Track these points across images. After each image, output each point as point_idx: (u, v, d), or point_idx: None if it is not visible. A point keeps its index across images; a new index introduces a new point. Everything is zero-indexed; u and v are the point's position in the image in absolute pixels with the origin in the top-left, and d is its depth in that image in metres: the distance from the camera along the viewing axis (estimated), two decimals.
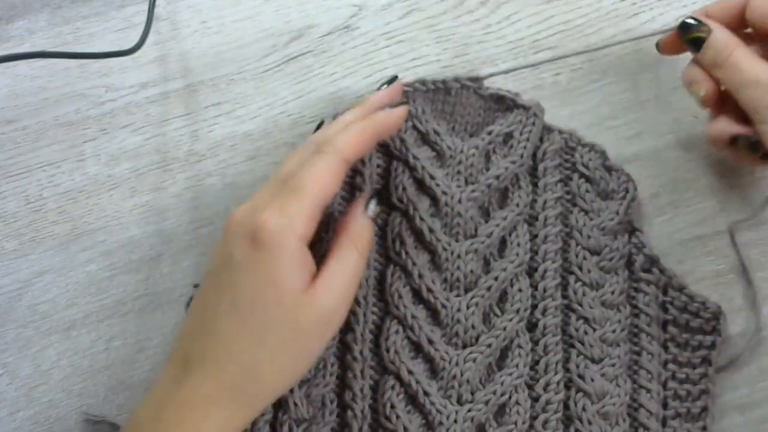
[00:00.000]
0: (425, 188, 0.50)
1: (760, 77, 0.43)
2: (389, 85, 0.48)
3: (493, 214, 0.49)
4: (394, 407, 0.46)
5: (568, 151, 0.50)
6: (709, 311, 0.47)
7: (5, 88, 0.55)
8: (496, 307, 0.48)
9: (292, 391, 0.45)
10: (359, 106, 0.46)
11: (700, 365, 0.46)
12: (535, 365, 0.47)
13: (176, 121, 0.54)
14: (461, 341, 0.47)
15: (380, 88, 0.47)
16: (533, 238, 0.49)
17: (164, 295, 0.50)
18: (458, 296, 0.47)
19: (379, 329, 0.47)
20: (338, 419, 0.47)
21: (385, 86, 0.48)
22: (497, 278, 0.48)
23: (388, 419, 0.46)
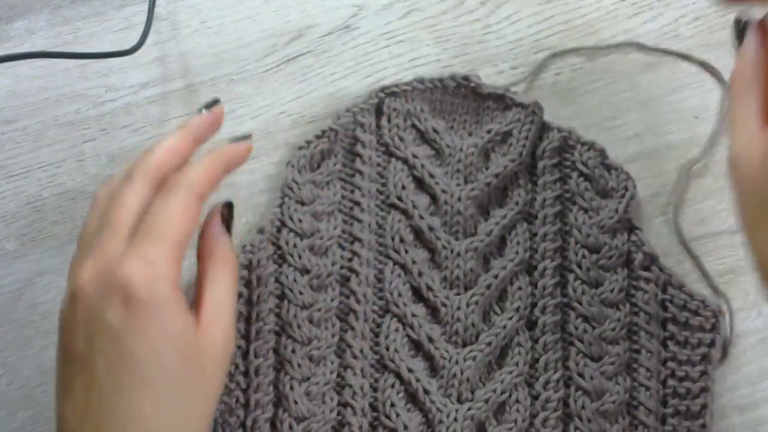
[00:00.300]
0: (425, 187, 0.50)
1: None
2: (209, 108, 0.43)
3: (492, 212, 0.49)
4: (394, 405, 0.46)
5: (567, 149, 0.50)
6: (708, 309, 0.47)
7: (5, 88, 0.55)
8: (495, 305, 0.48)
9: (292, 388, 0.46)
10: (181, 129, 0.42)
11: (699, 363, 0.46)
12: (534, 363, 0.47)
13: (176, 121, 0.54)
14: (461, 339, 0.47)
15: (200, 110, 0.43)
16: (532, 236, 0.49)
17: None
18: (458, 294, 0.48)
19: (378, 327, 0.48)
20: (338, 417, 0.47)
21: (205, 110, 0.43)
22: (497, 276, 0.48)
23: (388, 417, 0.46)
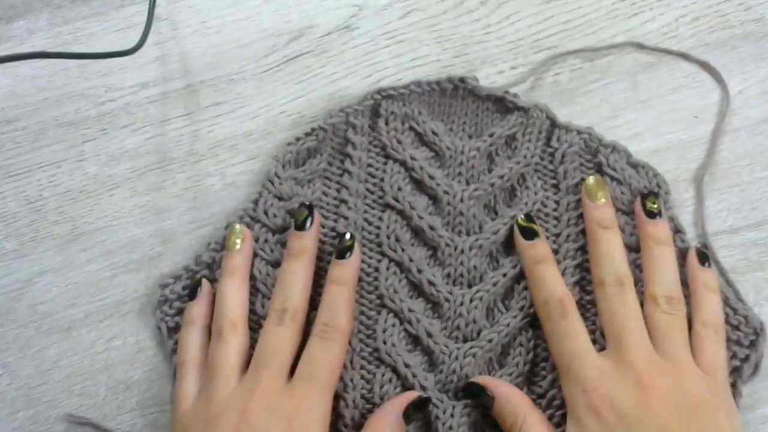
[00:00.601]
0: (425, 188, 0.50)
1: None
2: (303, 225, 0.48)
3: (501, 212, 0.49)
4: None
5: (589, 151, 0.50)
6: (749, 326, 0.46)
7: (5, 88, 0.55)
8: (500, 303, 0.48)
9: None
10: (301, 260, 0.47)
11: (729, 375, 0.45)
12: (541, 362, 0.46)
13: (176, 121, 0.54)
14: (462, 335, 0.47)
15: (302, 227, 0.48)
16: (555, 236, 0.49)
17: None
18: (462, 290, 0.48)
19: (371, 321, 0.48)
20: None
21: (301, 228, 0.48)
22: (505, 275, 0.48)
23: None
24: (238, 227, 0.49)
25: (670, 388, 0.41)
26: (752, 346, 0.46)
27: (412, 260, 0.48)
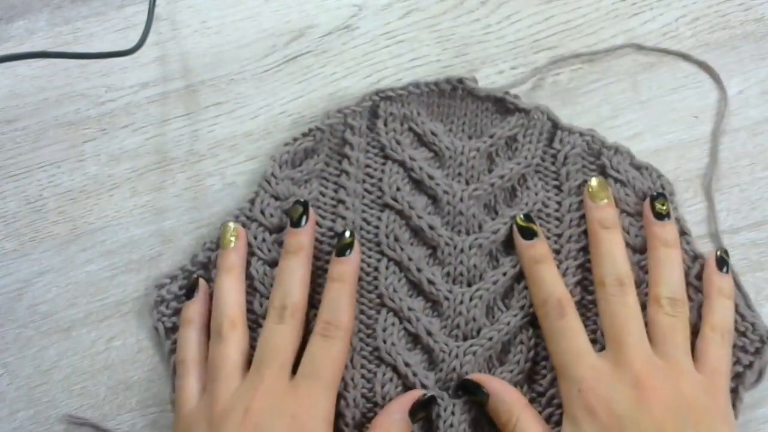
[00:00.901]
0: (424, 188, 0.50)
1: None
2: (299, 222, 0.48)
3: (501, 212, 0.50)
4: (390, 399, 0.46)
5: (591, 153, 0.50)
6: (756, 333, 0.46)
7: (5, 88, 0.55)
8: (500, 302, 0.48)
9: None
10: (299, 257, 0.47)
11: (732, 380, 0.45)
12: (542, 361, 0.46)
13: (176, 121, 0.54)
14: (462, 333, 0.47)
15: (298, 224, 0.48)
16: (556, 237, 0.49)
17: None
18: (461, 289, 0.48)
19: (371, 320, 0.48)
20: None
21: (297, 225, 0.48)
22: (505, 273, 0.48)
23: None
24: (231, 225, 0.49)
25: (667, 390, 0.41)
26: (757, 353, 0.46)
27: (411, 259, 0.48)
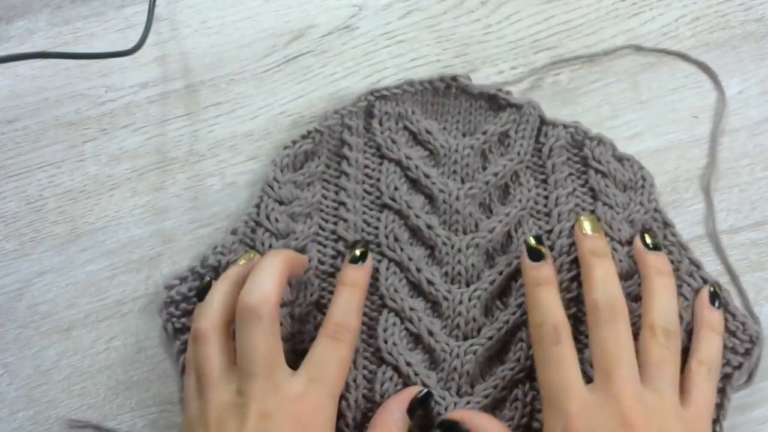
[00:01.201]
0: (420, 187, 0.50)
1: None
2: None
3: (495, 210, 0.50)
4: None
5: (575, 145, 0.51)
6: (746, 333, 0.46)
7: (5, 88, 0.55)
8: (498, 300, 0.48)
9: None
10: (273, 261, 0.45)
11: (720, 380, 0.45)
12: None
13: (176, 121, 0.54)
14: (462, 333, 0.47)
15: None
16: (548, 233, 0.49)
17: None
18: (460, 289, 0.48)
19: (373, 321, 0.48)
20: None
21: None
22: (501, 273, 0.48)
23: None
24: (252, 254, 0.48)
25: (654, 429, 0.40)
26: (747, 354, 0.46)
27: (411, 259, 0.48)
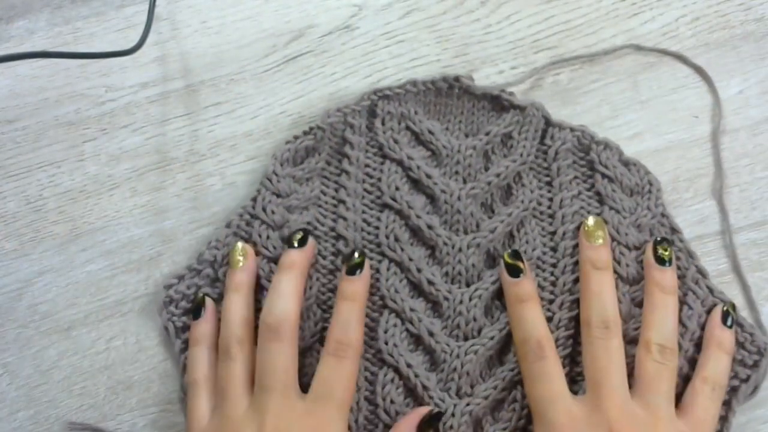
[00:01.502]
0: (422, 187, 0.50)
1: None
2: (301, 242, 0.48)
3: (497, 210, 0.50)
4: (392, 401, 0.46)
5: (581, 149, 0.51)
6: (754, 345, 0.46)
7: (5, 88, 0.55)
8: (498, 301, 0.48)
9: None
10: (292, 272, 0.46)
11: (727, 393, 0.45)
12: None
13: (176, 121, 0.54)
14: (462, 333, 0.47)
15: (293, 244, 0.48)
16: (551, 234, 0.49)
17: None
18: (460, 289, 0.48)
19: (374, 322, 0.48)
20: None
21: (296, 245, 0.48)
22: None
23: (386, 412, 0.46)
24: (240, 245, 0.48)
25: None
26: (755, 366, 0.45)
27: (411, 260, 0.48)
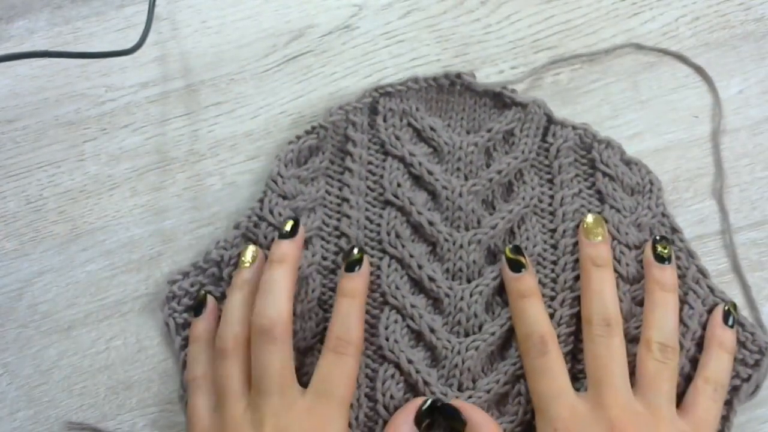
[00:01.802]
0: (423, 183, 0.50)
1: None
2: (291, 233, 0.47)
3: (498, 207, 0.50)
4: (393, 397, 0.46)
5: (583, 147, 0.51)
6: (755, 344, 0.46)
7: (5, 88, 0.55)
8: (499, 297, 0.48)
9: None
10: (285, 269, 0.45)
11: (728, 392, 0.45)
12: None
13: (176, 120, 0.54)
14: (463, 329, 0.47)
15: (285, 235, 0.47)
16: (551, 232, 0.49)
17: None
18: (461, 285, 0.48)
19: (375, 319, 0.48)
20: None
21: (287, 237, 0.47)
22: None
23: (386, 408, 0.46)
24: (252, 248, 0.48)
25: None
26: (756, 365, 0.45)
27: (412, 256, 0.48)
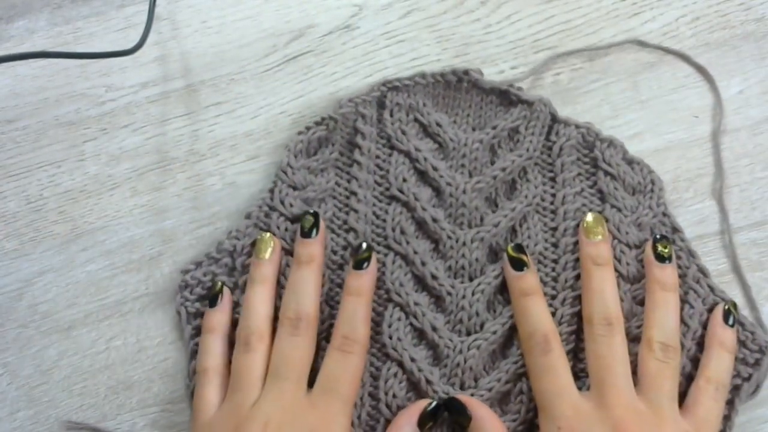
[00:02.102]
0: (428, 179, 0.50)
1: None
2: (310, 233, 0.48)
3: (501, 204, 0.50)
4: (395, 396, 0.46)
5: (586, 146, 0.51)
6: (755, 343, 0.46)
7: (5, 88, 0.55)
8: (501, 295, 0.48)
9: None
10: (312, 267, 0.47)
11: (729, 391, 0.45)
12: None
13: (176, 120, 0.54)
14: (465, 328, 0.47)
15: (308, 234, 0.48)
16: (552, 230, 0.49)
17: (164, 294, 0.50)
18: (463, 283, 0.48)
19: (379, 316, 0.48)
20: None
21: (305, 236, 0.48)
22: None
23: (388, 407, 0.46)
24: (268, 236, 0.48)
25: None
26: (756, 364, 0.45)
27: (416, 253, 0.48)
